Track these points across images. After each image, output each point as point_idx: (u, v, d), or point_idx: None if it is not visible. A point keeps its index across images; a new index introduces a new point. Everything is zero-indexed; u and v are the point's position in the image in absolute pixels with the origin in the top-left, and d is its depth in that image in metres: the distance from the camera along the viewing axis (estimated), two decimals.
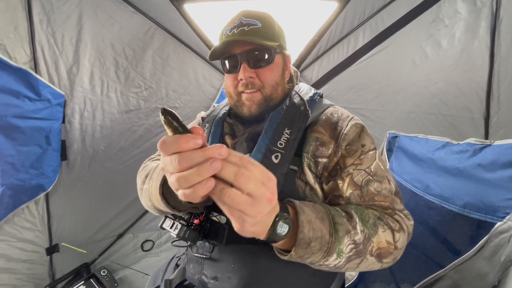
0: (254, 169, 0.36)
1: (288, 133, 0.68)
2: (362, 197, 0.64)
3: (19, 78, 1.20)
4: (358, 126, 0.69)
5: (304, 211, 0.50)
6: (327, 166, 0.67)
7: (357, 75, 1.61)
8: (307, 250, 0.49)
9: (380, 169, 0.65)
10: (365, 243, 0.54)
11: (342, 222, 0.53)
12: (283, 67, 0.76)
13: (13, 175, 1.28)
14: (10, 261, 1.46)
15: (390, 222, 0.59)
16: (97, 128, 1.52)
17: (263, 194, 0.37)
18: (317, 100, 0.76)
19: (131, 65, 1.48)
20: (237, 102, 0.75)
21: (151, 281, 1.04)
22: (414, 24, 1.42)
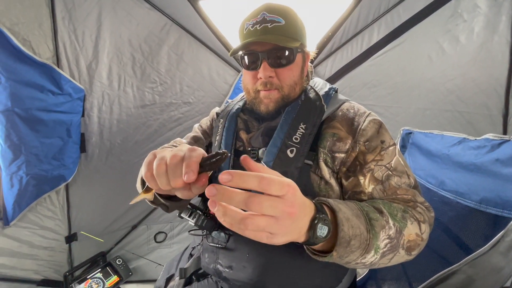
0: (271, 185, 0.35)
1: (303, 128, 0.69)
2: (384, 191, 0.64)
3: (43, 73, 1.25)
4: (376, 122, 0.70)
5: (341, 209, 0.49)
6: (345, 162, 0.68)
7: (371, 71, 1.59)
8: (347, 248, 0.47)
9: (400, 164, 0.66)
10: (397, 237, 0.54)
11: (377, 217, 0.53)
12: (303, 65, 0.76)
13: (37, 165, 1.35)
14: (33, 248, 1.54)
15: (415, 213, 0.60)
16: (114, 122, 1.57)
17: (282, 211, 0.36)
18: (332, 95, 0.76)
19: (147, 60, 1.52)
20: (254, 99, 0.76)
21: (165, 270, 1.08)
22: (431, 19, 1.40)
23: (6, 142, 1.22)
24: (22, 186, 1.32)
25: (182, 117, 1.71)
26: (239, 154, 0.79)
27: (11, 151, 1.25)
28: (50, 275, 1.68)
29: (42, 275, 1.64)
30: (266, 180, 0.35)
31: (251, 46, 0.71)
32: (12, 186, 1.30)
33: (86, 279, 1.61)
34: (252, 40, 0.69)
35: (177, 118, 1.70)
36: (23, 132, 1.25)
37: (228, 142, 0.81)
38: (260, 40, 0.68)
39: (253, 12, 0.73)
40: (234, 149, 0.80)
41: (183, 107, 1.69)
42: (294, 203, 0.37)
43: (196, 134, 0.97)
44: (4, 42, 1.12)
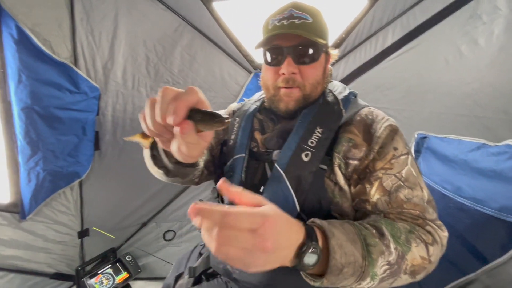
0: (238, 221, 0.34)
1: (320, 132, 0.67)
2: (390, 204, 0.61)
3: (61, 72, 1.29)
4: (392, 127, 0.67)
5: (335, 235, 0.46)
6: (357, 169, 0.66)
7: (384, 74, 1.57)
8: (340, 276, 0.46)
9: (412, 175, 0.63)
10: (399, 262, 0.51)
11: (375, 243, 0.50)
12: (325, 66, 0.74)
13: (53, 161, 1.39)
14: (47, 242, 1.59)
15: (422, 234, 0.56)
16: (127, 121, 1.60)
17: (253, 246, 0.35)
18: (351, 100, 0.74)
19: (160, 61, 1.54)
20: (274, 97, 0.73)
21: (174, 268, 1.09)
22: (449, 21, 1.36)
23: (25, 139, 1.26)
24: (39, 182, 1.36)
25: None
26: (254, 155, 0.78)
27: (30, 147, 1.29)
28: (62, 269, 1.72)
29: (55, 269, 1.68)
30: (232, 216, 0.34)
31: (276, 40, 0.69)
32: (29, 181, 1.35)
33: (97, 274, 1.64)
34: (279, 32, 0.66)
35: None
36: (41, 129, 1.29)
37: (243, 142, 0.80)
38: (287, 32, 0.66)
39: (280, 9, 0.71)
40: (249, 149, 0.79)
41: None
42: (267, 237, 0.35)
43: None
44: (26, 42, 1.16)
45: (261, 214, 0.36)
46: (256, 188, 0.74)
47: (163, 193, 1.87)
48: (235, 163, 0.80)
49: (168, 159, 0.62)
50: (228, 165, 0.82)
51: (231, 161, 0.81)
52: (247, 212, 0.35)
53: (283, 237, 0.38)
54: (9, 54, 1.14)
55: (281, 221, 0.38)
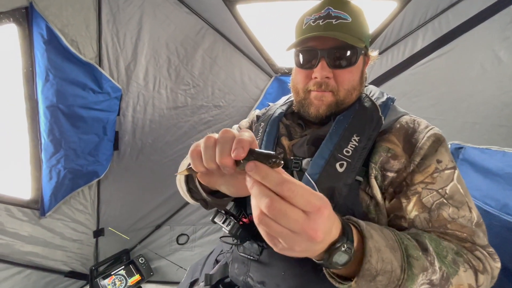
0: (294, 195, 0.31)
1: (356, 140, 0.61)
2: (430, 222, 0.54)
3: (87, 72, 1.31)
4: (436, 137, 0.60)
5: (373, 236, 0.41)
6: (394, 182, 0.60)
7: (412, 80, 1.49)
8: (371, 284, 0.41)
9: (459, 193, 0.55)
10: (442, 284, 0.45)
11: (418, 256, 0.44)
12: (363, 69, 0.69)
13: (74, 160, 1.40)
14: (64, 239, 1.60)
15: (471, 260, 0.49)
16: (147, 122, 1.61)
17: (302, 230, 0.31)
18: (390, 106, 0.67)
19: (182, 63, 1.54)
20: (304, 100, 0.69)
21: (189, 273, 1.05)
22: (486, 25, 1.28)
23: (49, 136, 1.28)
24: (60, 179, 1.38)
25: (212, 120, 1.71)
26: None
27: (53, 145, 1.31)
28: (77, 268, 1.73)
29: (70, 267, 1.69)
30: (290, 185, 0.31)
31: (310, 41, 0.64)
32: (50, 178, 1.36)
33: (110, 275, 1.63)
34: (313, 34, 0.62)
35: (207, 120, 1.70)
36: (65, 127, 1.31)
37: (268, 148, 0.76)
38: (323, 35, 0.61)
39: (316, 6, 0.66)
40: None
41: (214, 110, 1.69)
42: (319, 224, 0.32)
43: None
44: (55, 42, 1.18)
45: (320, 197, 0.32)
46: None
47: (178, 196, 1.82)
48: None
49: (203, 191, 0.60)
50: None
51: None
52: (307, 189, 0.32)
53: (329, 231, 0.34)
54: (38, 53, 1.17)
55: (331, 214, 0.34)
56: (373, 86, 0.76)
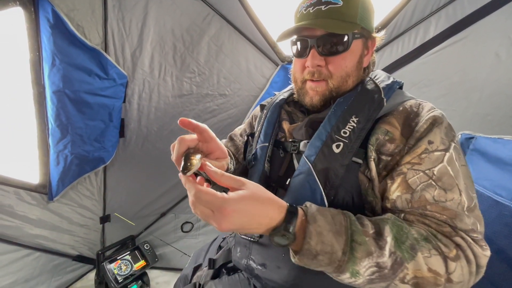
0: (201, 198, 0.43)
1: (355, 121, 0.60)
2: (410, 203, 0.54)
3: (92, 57, 1.31)
4: (434, 119, 0.57)
5: (316, 221, 0.47)
6: (388, 165, 0.59)
7: (423, 69, 1.45)
8: (314, 261, 0.47)
9: (448, 175, 0.53)
10: (395, 268, 0.46)
11: (363, 241, 0.46)
12: (361, 54, 0.67)
13: (80, 146, 1.42)
14: (71, 224, 1.63)
15: (442, 245, 0.48)
16: (152, 109, 1.61)
17: (213, 220, 0.43)
18: (395, 89, 0.65)
19: (187, 50, 1.53)
20: (300, 90, 0.70)
21: (193, 259, 1.06)
22: (503, 11, 1.22)
23: (55, 122, 1.29)
24: (67, 164, 1.40)
25: (217, 109, 1.70)
26: (280, 145, 0.74)
27: (59, 130, 1.32)
28: (84, 252, 1.77)
29: (78, 251, 1.73)
30: (199, 192, 0.44)
31: (301, 31, 0.65)
32: (58, 163, 1.38)
33: (116, 260, 1.67)
34: (300, 25, 0.63)
35: (212, 109, 1.69)
36: (71, 113, 1.32)
37: (268, 131, 0.77)
38: (308, 26, 0.62)
39: None
40: (274, 139, 0.76)
41: (219, 99, 1.68)
42: (221, 219, 0.43)
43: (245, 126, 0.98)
44: (61, 26, 1.18)
45: (221, 201, 0.42)
46: (282, 180, 0.70)
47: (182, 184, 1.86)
48: (258, 153, 0.76)
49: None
50: (251, 154, 0.79)
51: (255, 151, 0.78)
52: (210, 194, 0.43)
53: (243, 219, 0.44)
54: (44, 38, 1.17)
55: (242, 206, 0.44)
56: (380, 71, 0.73)
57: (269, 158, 0.75)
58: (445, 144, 0.55)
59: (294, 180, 0.64)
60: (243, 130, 0.99)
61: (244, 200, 0.44)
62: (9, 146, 1.38)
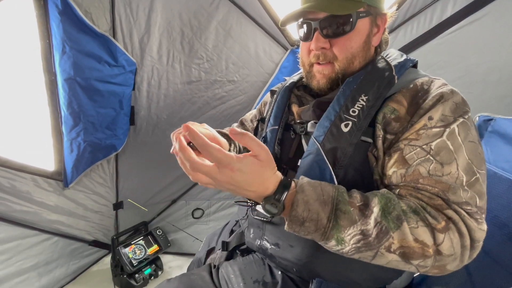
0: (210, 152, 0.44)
1: (364, 100, 0.60)
2: (404, 177, 0.54)
3: (102, 44, 1.30)
4: (441, 95, 0.55)
5: (304, 191, 0.50)
6: (391, 144, 0.58)
7: (439, 50, 1.39)
8: (302, 228, 0.50)
9: (446, 150, 0.52)
10: (380, 236, 0.47)
11: (347, 210, 0.49)
12: (369, 33, 0.65)
13: (93, 133, 1.44)
14: (86, 210, 1.68)
15: (429, 217, 0.48)
16: (161, 97, 1.61)
17: (215, 178, 0.45)
18: (408, 67, 0.63)
19: (195, 36, 1.50)
20: (308, 74, 0.70)
21: (205, 243, 1.08)
22: None
23: (68, 109, 1.31)
24: (80, 152, 1.42)
25: (225, 96, 1.69)
26: (289, 128, 0.75)
27: (72, 118, 1.34)
28: (99, 237, 1.83)
29: (93, 236, 1.79)
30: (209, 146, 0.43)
31: (306, 14, 0.64)
32: (71, 151, 1.41)
33: (130, 244, 1.72)
34: (302, 8, 0.62)
35: (220, 96, 1.68)
36: (83, 100, 1.33)
37: (277, 114, 0.78)
38: (308, 9, 0.61)
39: None
40: (284, 122, 0.77)
41: (227, 85, 1.66)
42: (223, 177, 0.45)
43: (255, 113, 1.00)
44: (70, 12, 1.17)
45: (230, 158, 0.43)
46: (292, 162, 0.71)
47: None
48: (268, 135, 0.78)
49: None
50: (261, 137, 0.80)
51: (265, 133, 0.79)
52: (221, 152, 0.43)
53: (243, 180, 0.45)
54: (54, 25, 1.17)
55: (250, 169, 0.45)
56: (393, 49, 0.71)
57: (279, 140, 0.76)
58: (446, 121, 0.54)
59: (303, 161, 0.64)
60: (254, 116, 1.00)
61: (253, 165, 0.45)
62: (26, 134, 1.40)
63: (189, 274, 0.78)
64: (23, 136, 1.39)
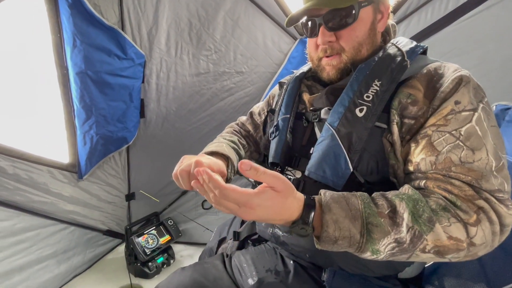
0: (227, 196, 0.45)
1: (378, 84, 0.60)
2: (434, 165, 0.53)
3: (111, 37, 1.31)
4: (460, 78, 0.55)
5: (331, 210, 0.49)
6: (412, 129, 0.58)
7: (454, 37, 1.34)
8: (335, 246, 0.49)
9: (476, 135, 0.52)
10: (414, 241, 0.47)
11: (379, 223, 0.48)
12: (373, 20, 0.66)
13: (104, 126, 1.46)
14: (100, 201, 1.73)
15: (461, 213, 0.48)
16: (170, 89, 1.61)
17: (238, 213, 0.46)
18: (419, 52, 0.64)
19: (203, 26, 1.49)
20: (317, 67, 0.72)
21: (216, 233, 1.10)
22: None
23: (80, 103, 1.33)
24: (93, 145, 1.45)
25: (234, 87, 1.69)
26: (300, 117, 0.76)
27: (84, 111, 1.36)
28: (113, 227, 1.89)
29: (107, 226, 1.84)
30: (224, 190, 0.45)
31: (308, 12, 0.65)
32: (85, 144, 1.44)
33: (143, 234, 1.77)
34: (305, 8, 0.64)
35: (229, 88, 1.68)
36: (94, 94, 1.35)
37: (288, 103, 0.79)
38: (311, 7, 0.62)
39: None
40: (296, 111, 0.78)
41: (236, 76, 1.65)
42: (246, 215, 0.46)
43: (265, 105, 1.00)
44: (79, 6, 1.18)
45: (247, 197, 0.45)
46: (305, 150, 0.73)
47: None
48: (279, 124, 0.79)
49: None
50: (273, 126, 0.81)
51: (276, 122, 0.80)
52: (236, 192, 0.45)
53: (266, 213, 0.46)
54: (64, 18, 1.18)
55: (270, 203, 0.46)
56: (402, 37, 0.71)
57: (291, 129, 0.77)
58: (473, 104, 0.54)
59: (317, 147, 0.65)
60: (261, 109, 1.01)
61: (272, 199, 0.46)
62: (42, 127, 1.44)
63: (202, 262, 0.81)
64: (39, 129, 1.43)
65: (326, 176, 0.63)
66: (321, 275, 0.68)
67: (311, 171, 0.65)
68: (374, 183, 0.62)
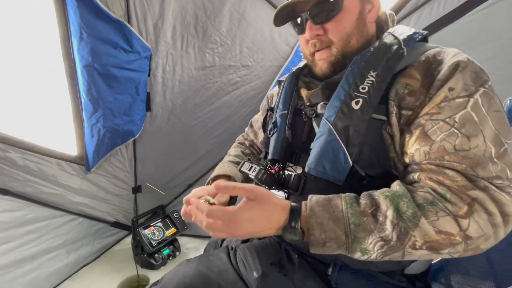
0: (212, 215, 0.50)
1: (373, 75, 0.58)
2: (428, 154, 0.52)
3: (117, 30, 1.30)
4: (457, 63, 0.52)
5: (315, 213, 0.50)
6: (409, 120, 0.56)
7: (467, 29, 1.30)
8: (324, 248, 0.50)
9: (471, 121, 0.49)
10: (401, 238, 0.47)
11: (361, 222, 0.49)
12: (361, 9, 0.64)
13: (111, 119, 1.47)
14: (108, 194, 1.76)
15: (449, 205, 0.46)
16: (176, 83, 1.61)
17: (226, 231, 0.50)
18: (417, 39, 0.61)
19: (209, 19, 1.47)
20: (311, 63, 0.71)
21: None
22: None
23: (87, 96, 1.34)
24: (100, 137, 1.47)
25: (239, 81, 1.68)
26: (299, 113, 0.75)
27: (92, 104, 1.37)
28: (120, 219, 1.92)
29: (114, 218, 1.88)
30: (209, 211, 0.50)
31: (293, 10, 0.65)
32: (92, 136, 1.46)
33: (149, 226, 1.79)
34: (286, 3, 0.63)
35: (235, 81, 1.67)
36: (101, 87, 1.36)
37: (286, 99, 0.79)
38: (292, 2, 0.62)
39: None
40: (294, 107, 0.78)
41: (242, 70, 1.64)
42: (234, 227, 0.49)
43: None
44: None
45: (230, 213, 0.48)
46: (305, 146, 0.72)
47: (208, 157, 1.91)
48: (278, 120, 0.78)
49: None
50: (271, 123, 0.81)
51: (275, 119, 0.80)
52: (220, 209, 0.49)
53: (253, 224, 0.50)
54: (71, 11, 1.18)
55: (251, 213, 0.49)
56: (401, 25, 0.69)
57: (289, 125, 0.76)
58: (468, 90, 0.51)
59: (316, 143, 0.64)
60: (260, 115, 1.04)
61: (252, 209, 0.49)
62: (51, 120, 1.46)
63: (207, 255, 0.81)
64: (48, 122, 1.45)
65: (326, 172, 0.62)
66: (326, 270, 0.68)
67: (311, 167, 0.64)
68: (376, 176, 0.60)
